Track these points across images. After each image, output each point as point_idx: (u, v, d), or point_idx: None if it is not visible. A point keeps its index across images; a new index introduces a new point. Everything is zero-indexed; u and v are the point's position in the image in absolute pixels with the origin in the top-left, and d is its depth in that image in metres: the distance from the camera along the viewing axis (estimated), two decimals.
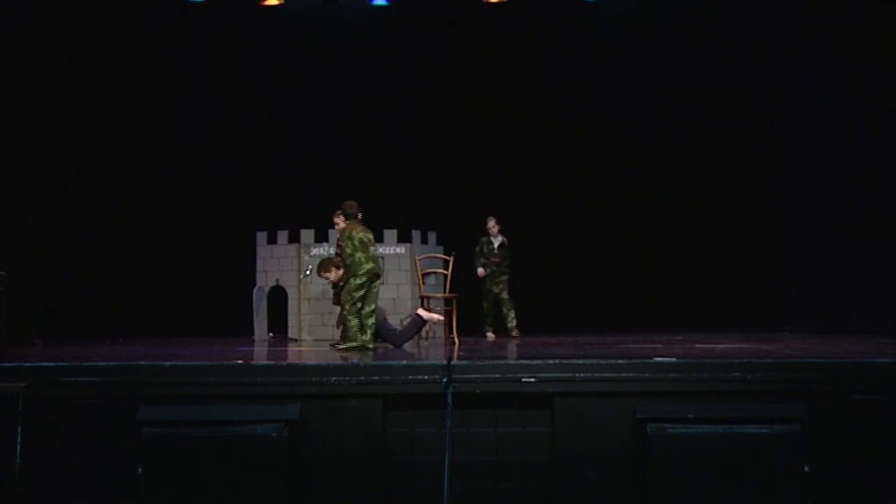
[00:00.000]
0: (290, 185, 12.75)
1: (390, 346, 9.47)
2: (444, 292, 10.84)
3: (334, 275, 9.59)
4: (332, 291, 10.10)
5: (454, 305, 10.60)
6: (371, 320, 9.27)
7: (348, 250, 9.18)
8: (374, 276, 9.28)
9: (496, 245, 11.25)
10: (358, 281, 9.12)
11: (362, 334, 9.18)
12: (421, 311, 9.82)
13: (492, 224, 11.28)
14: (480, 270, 11.22)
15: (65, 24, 11.94)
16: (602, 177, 12.80)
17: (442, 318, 10.17)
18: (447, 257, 10.86)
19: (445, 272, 10.85)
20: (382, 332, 9.48)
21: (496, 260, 11.22)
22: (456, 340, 10.30)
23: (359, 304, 9.16)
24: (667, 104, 12.73)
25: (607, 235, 12.71)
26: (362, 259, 9.15)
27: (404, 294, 11.34)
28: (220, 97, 12.75)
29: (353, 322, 9.15)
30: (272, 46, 12.95)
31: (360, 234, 9.24)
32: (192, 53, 12.69)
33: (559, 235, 12.67)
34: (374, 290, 9.34)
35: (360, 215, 9.60)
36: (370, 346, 9.20)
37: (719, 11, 12.71)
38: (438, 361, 7.04)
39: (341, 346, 9.25)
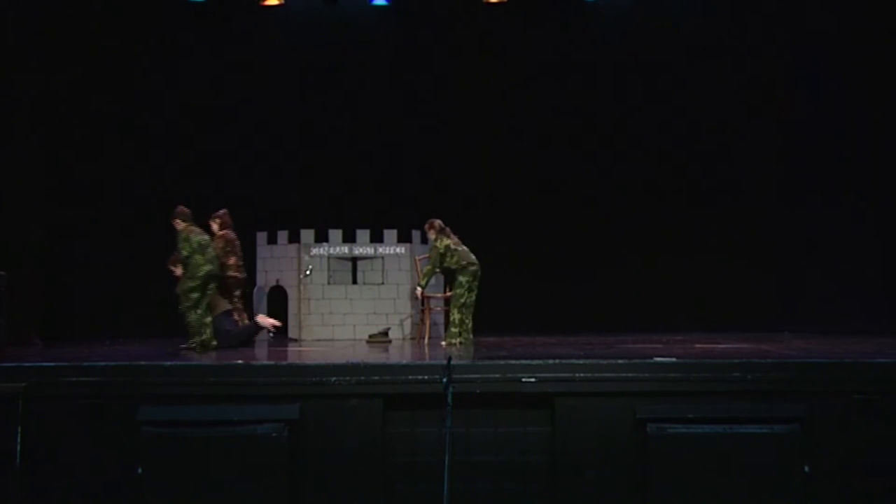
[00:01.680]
0: (290, 185, 12.75)
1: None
2: (444, 292, 10.83)
3: (178, 271, 9.72)
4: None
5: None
6: (208, 319, 9.48)
7: (185, 252, 9.36)
8: (212, 277, 9.46)
9: None
10: (193, 283, 9.32)
11: (203, 333, 9.39)
12: (259, 318, 9.98)
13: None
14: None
15: (64, 25, 11.92)
16: (602, 176, 12.79)
17: (278, 323, 10.17)
18: None
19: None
20: (216, 327, 9.62)
21: None
22: None
23: (194, 304, 9.33)
24: (666, 103, 12.72)
25: (607, 235, 12.69)
26: (200, 261, 9.34)
27: (404, 294, 11.33)
28: (220, 97, 12.73)
29: (193, 318, 9.33)
30: (272, 46, 12.94)
31: (198, 238, 9.44)
32: (192, 53, 12.68)
33: (560, 235, 12.65)
34: (211, 290, 9.52)
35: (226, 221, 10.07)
36: (212, 343, 9.39)
37: (719, 10, 12.70)
38: (438, 361, 7.05)
39: (186, 345, 9.37)
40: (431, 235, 10.16)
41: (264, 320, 10.01)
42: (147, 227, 12.44)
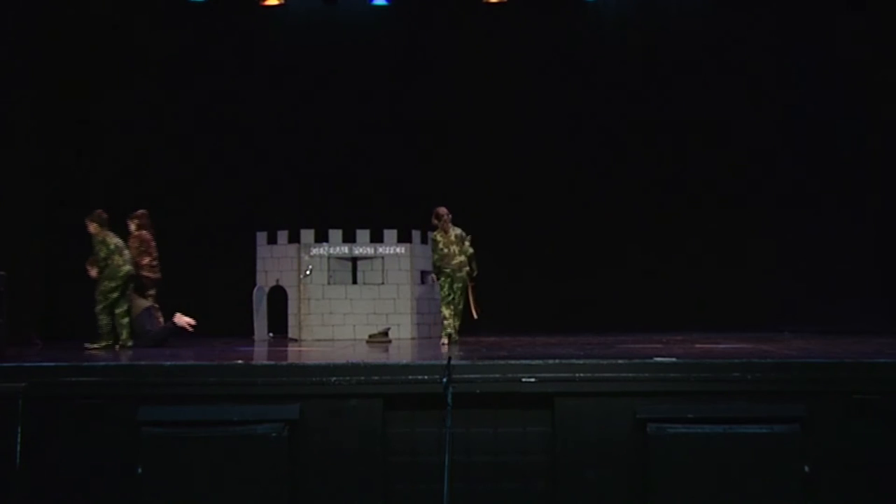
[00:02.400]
0: (290, 185, 12.74)
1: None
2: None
3: (94, 272, 9.81)
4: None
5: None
6: (125, 320, 9.69)
7: (102, 254, 9.57)
8: (131, 277, 9.69)
9: None
10: (113, 283, 9.56)
11: (115, 333, 9.62)
12: (176, 317, 10.09)
13: None
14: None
15: (64, 26, 11.93)
16: (602, 176, 12.80)
17: (193, 321, 10.22)
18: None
19: None
20: (136, 326, 9.81)
21: None
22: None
23: (112, 304, 9.58)
24: (666, 103, 12.72)
25: (607, 235, 12.69)
26: (119, 262, 9.58)
27: (404, 294, 11.33)
28: (220, 97, 12.73)
29: (104, 321, 9.58)
30: (272, 46, 12.94)
31: (115, 240, 9.68)
32: (192, 53, 12.68)
33: (561, 235, 12.65)
34: (128, 291, 9.73)
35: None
36: (129, 343, 9.62)
37: (719, 10, 12.70)
38: (438, 361, 7.04)
39: (91, 345, 9.51)
40: (434, 223, 10.32)
41: (180, 319, 10.10)
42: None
